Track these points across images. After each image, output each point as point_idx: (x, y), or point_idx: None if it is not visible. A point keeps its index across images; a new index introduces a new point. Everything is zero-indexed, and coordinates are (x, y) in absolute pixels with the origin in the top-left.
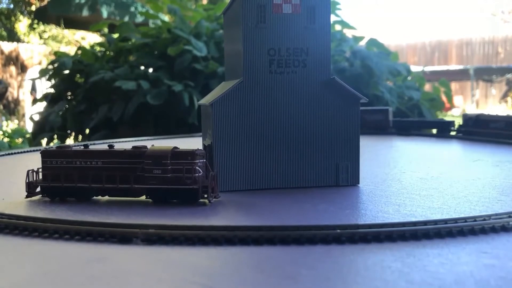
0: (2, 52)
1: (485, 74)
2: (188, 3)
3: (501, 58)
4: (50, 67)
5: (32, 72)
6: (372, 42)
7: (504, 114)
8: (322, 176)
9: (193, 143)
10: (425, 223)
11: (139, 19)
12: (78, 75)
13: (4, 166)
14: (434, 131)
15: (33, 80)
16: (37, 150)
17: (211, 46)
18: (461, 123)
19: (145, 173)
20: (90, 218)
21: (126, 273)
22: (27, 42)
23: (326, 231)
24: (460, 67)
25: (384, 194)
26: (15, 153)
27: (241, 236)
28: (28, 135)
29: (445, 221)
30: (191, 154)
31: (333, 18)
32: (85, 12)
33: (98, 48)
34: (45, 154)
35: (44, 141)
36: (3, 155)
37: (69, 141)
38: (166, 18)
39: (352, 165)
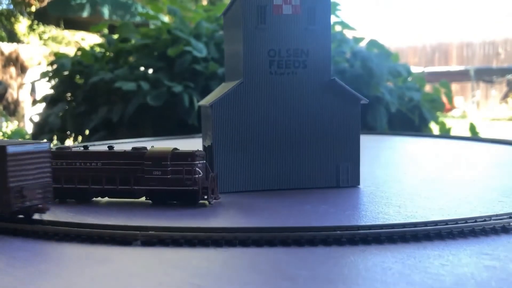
0: (2, 53)
1: (486, 75)
2: (188, 4)
3: (501, 59)
4: (50, 68)
5: (32, 73)
6: (373, 43)
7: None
8: (322, 177)
9: (193, 144)
10: (425, 224)
11: (139, 19)
12: (77, 76)
13: None
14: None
15: (33, 82)
16: None
17: (211, 47)
18: None
19: (145, 175)
20: (90, 220)
21: (126, 275)
22: (27, 43)
23: (327, 232)
24: (461, 68)
25: (385, 195)
26: None
27: (241, 237)
28: (28, 136)
29: (446, 222)
30: (191, 155)
31: (333, 19)
32: (85, 13)
33: (97, 49)
34: None
35: None
36: None
37: (69, 142)
38: (166, 19)
39: (352, 166)
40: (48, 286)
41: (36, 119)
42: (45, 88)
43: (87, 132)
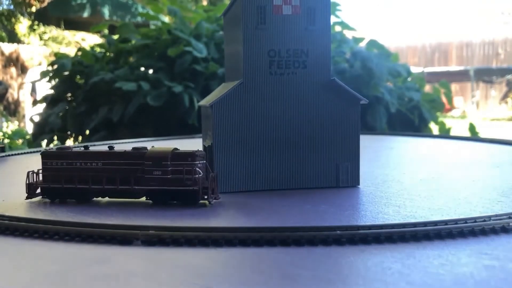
0: (3, 54)
1: (485, 75)
2: (188, 5)
3: (501, 59)
4: (50, 68)
5: (32, 73)
6: (372, 43)
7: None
8: (322, 177)
9: (193, 144)
10: (425, 224)
11: (139, 19)
12: (78, 76)
13: (4, 167)
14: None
15: (34, 82)
16: (37, 152)
17: (211, 47)
18: None
19: (145, 175)
20: (91, 219)
21: (126, 275)
22: (28, 44)
23: (326, 232)
24: (460, 68)
25: (384, 195)
26: (15, 154)
27: (242, 237)
28: (28, 136)
29: (445, 222)
30: (191, 155)
31: (333, 19)
32: (86, 13)
33: (98, 49)
34: (45, 155)
35: (44, 142)
36: (3, 156)
37: (69, 142)
38: (166, 19)
39: (352, 166)
40: (48, 286)
41: (37, 119)
42: (46, 88)
43: (87, 132)
